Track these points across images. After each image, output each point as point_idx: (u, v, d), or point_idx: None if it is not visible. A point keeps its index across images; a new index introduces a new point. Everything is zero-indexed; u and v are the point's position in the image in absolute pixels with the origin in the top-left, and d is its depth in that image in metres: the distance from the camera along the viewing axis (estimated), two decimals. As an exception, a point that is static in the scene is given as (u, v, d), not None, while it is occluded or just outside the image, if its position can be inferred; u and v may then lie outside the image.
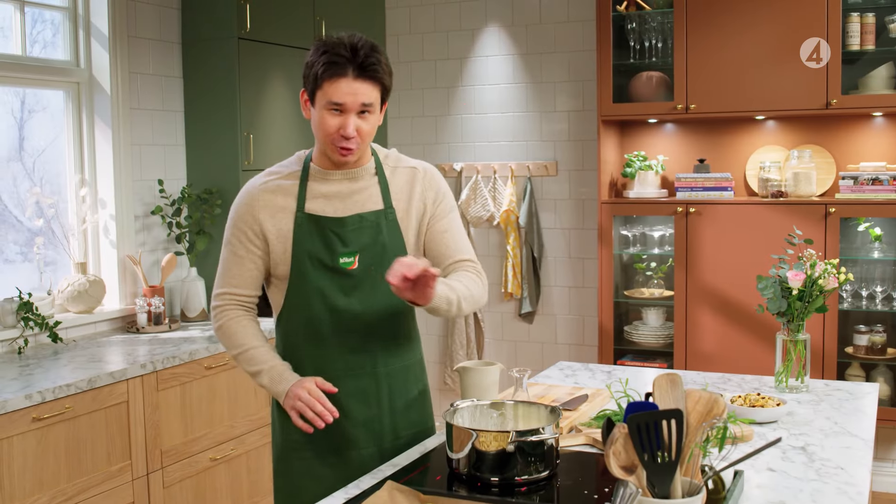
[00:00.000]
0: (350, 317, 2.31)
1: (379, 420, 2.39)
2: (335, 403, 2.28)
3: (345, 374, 2.34)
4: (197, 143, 4.61)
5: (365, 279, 2.31)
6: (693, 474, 1.75)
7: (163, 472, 3.64)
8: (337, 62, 2.17)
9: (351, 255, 2.29)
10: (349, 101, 2.19)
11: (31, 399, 3.06)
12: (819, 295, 2.83)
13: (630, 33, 4.88)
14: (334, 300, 2.30)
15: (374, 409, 2.38)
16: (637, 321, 5.06)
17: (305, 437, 2.36)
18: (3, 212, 4.04)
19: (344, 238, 2.29)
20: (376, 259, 2.30)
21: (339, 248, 2.28)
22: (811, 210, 4.45)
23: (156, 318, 4.20)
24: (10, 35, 3.99)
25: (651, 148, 5.12)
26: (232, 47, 4.43)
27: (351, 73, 2.18)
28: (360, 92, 2.19)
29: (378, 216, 2.32)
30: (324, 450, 2.38)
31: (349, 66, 2.18)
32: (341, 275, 2.29)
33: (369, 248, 2.30)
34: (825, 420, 2.56)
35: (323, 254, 2.28)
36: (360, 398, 2.36)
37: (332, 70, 2.18)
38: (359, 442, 2.37)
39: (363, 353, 2.36)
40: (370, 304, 2.32)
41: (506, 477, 2.02)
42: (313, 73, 2.21)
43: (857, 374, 4.53)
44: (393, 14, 5.70)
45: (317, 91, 2.22)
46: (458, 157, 5.60)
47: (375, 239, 2.31)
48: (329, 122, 2.22)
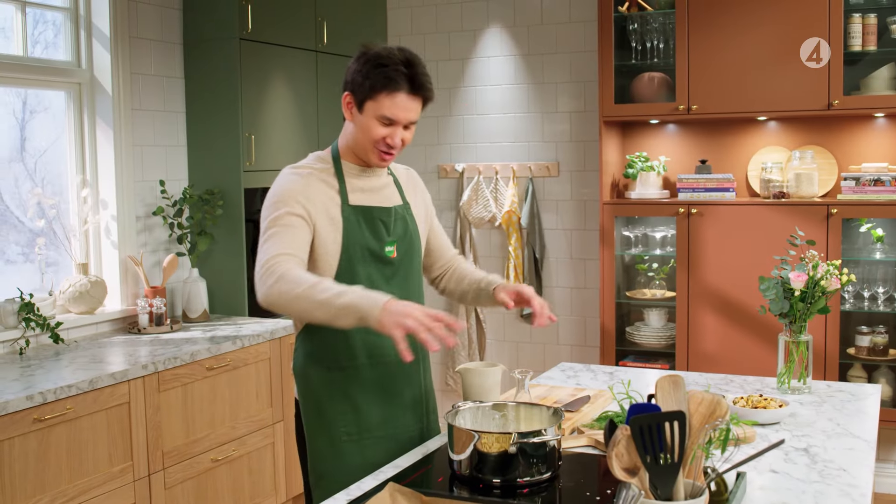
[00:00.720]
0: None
1: (421, 401, 2.53)
2: (392, 389, 2.42)
3: (396, 358, 2.37)
4: (198, 144, 4.61)
5: (401, 267, 2.44)
6: (696, 476, 1.74)
7: (164, 474, 3.64)
8: (395, 79, 2.27)
9: (392, 244, 2.40)
10: (402, 116, 2.30)
11: (32, 400, 3.06)
12: (821, 296, 2.83)
13: (632, 34, 4.88)
14: (381, 288, 2.33)
15: (418, 389, 2.52)
16: (639, 322, 5.06)
17: (362, 426, 2.39)
18: (4, 212, 4.04)
19: (389, 227, 2.41)
20: (408, 248, 2.45)
21: (385, 237, 2.39)
22: (813, 211, 4.44)
23: (157, 319, 4.20)
24: (12, 36, 3.99)
25: (653, 149, 5.11)
26: (233, 48, 4.43)
27: (407, 89, 2.28)
28: (413, 108, 2.31)
29: (404, 210, 2.48)
30: (380, 437, 2.41)
31: (406, 84, 2.28)
32: (384, 263, 2.40)
33: (403, 238, 2.44)
34: (827, 421, 2.56)
35: (373, 243, 2.37)
36: (408, 381, 2.48)
37: (391, 86, 2.27)
38: (409, 424, 2.48)
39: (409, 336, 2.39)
40: (406, 292, 2.43)
41: (508, 478, 2.02)
42: (368, 84, 2.28)
43: (859, 375, 4.53)
44: (394, 15, 5.70)
45: (368, 101, 2.30)
46: (460, 158, 5.60)
47: (406, 230, 2.46)
48: (378, 130, 2.31)
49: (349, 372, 2.39)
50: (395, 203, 2.46)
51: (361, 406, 2.39)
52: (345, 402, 2.39)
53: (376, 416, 2.40)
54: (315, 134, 4.95)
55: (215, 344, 3.89)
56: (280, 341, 4.24)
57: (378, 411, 2.41)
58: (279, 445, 4.27)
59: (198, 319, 4.44)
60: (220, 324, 4.36)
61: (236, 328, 4.24)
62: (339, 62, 5.11)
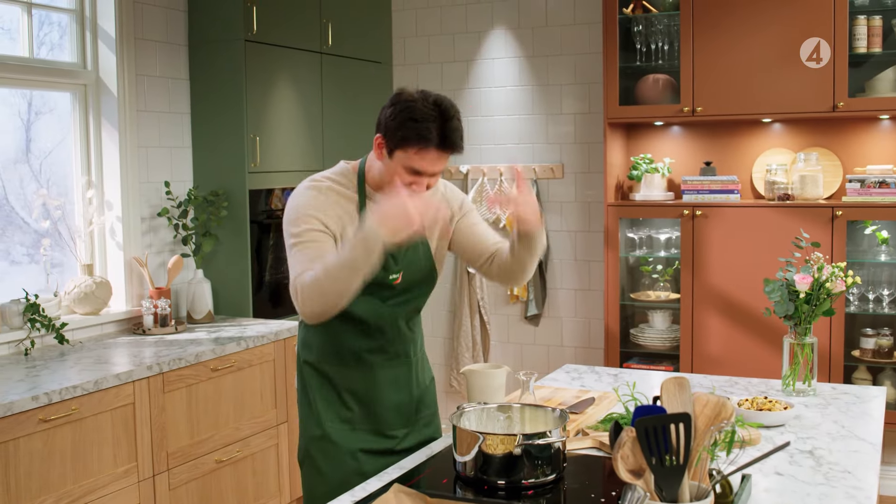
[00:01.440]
0: (390, 319, 2.49)
1: (408, 404, 2.58)
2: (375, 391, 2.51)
3: (382, 363, 2.53)
4: (203, 146, 4.61)
5: (403, 292, 2.49)
6: (701, 478, 1.74)
7: (169, 474, 3.64)
8: (426, 137, 2.26)
9: (397, 273, 2.44)
10: (429, 169, 2.31)
11: (37, 400, 3.07)
12: (826, 298, 2.83)
13: (636, 36, 4.88)
14: (378, 304, 2.45)
15: (405, 395, 2.57)
16: (643, 324, 5.05)
17: (345, 417, 2.52)
18: (9, 213, 4.05)
19: (396, 257, 2.43)
20: (415, 276, 2.50)
21: (392, 267, 2.43)
22: (818, 213, 4.44)
23: (162, 320, 4.20)
24: (18, 37, 4.00)
25: (657, 150, 5.11)
26: (239, 49, 4.44)
27: (437, 145, 2.28)
28: (441, 163, 2.32)
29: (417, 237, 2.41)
30: (361, 430, 2.53)
31: (437, 140, 2.27)
32: (384, 287, 2.44)
33: (412, 265, 2.48)
34: (832, 424, 2.55)
35: (378, 272, 2.33)
36: (395, 385, 2.55)
37: (421, 143, 2.26)
38: (393, 424, 2.55)
39: (400, 343, 2.55)
40: (404, 308, 2.52)
41: (512, 480, 2.02)
42: (400, 135, 2.28)
43: (863, 377, 4.52)
44: (399, 16, 5.71)
45: (398, 151, 2.30)
46: (465, 160, 5.60)
47: (415, 257, 2.49)
48: (404, 178, 2.31)
49: (335, 369, 2.52)
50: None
51: (346, 400, 2.52)
52: (332, 392, 2.53)
53: (359, 412, 2.53)
54: (320, 135, 4.96)
55: (220, 345, 3.90)
56: (284, 343, 4.25)
57: (361, 408, 2.52)
58: (283, 446, 4.27)
59: (202, 320, 4.44)
60: (225, 325, 4.37)
61: (241, 329, 4.24)
62: (343, 64, 5.12)
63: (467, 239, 2.59)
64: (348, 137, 5.15)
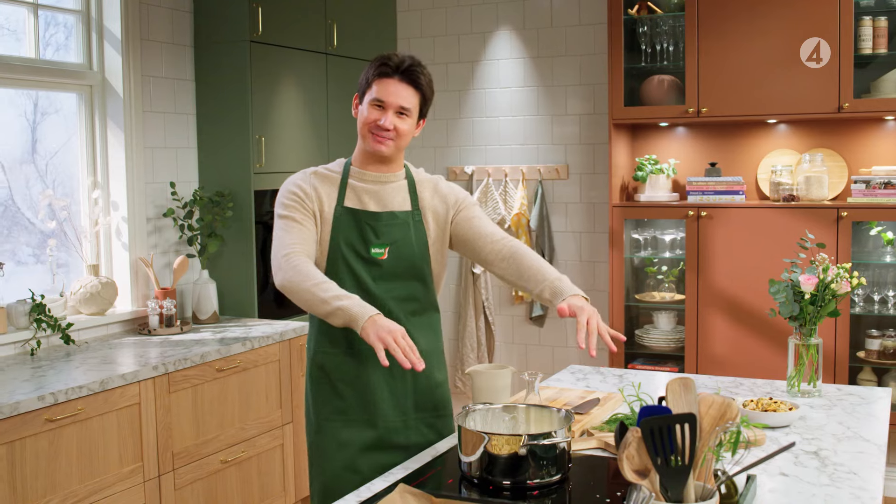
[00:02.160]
0: (380, 301, 2.52)
1: (404, 394, 2.57)
2: (367, 376, 2.54)
3: (371, 351, 2.48)
4: (209, 146, 4.62)
5: (392, 269, 2.54)
6: (706, 479, 1.75)
7: (174, 474, 3.65)
8: (387, 65, 2.51)
9: (382, 247, 2.53)
10: (390, 99, 2.49)
11: (43, 400, 3.08)
12: (831, 299, 2.83)
13: (642, 37, 4.88)
14: (366, 283, 2.52)
15: (399, 384, 2.56)
16: (648, 325, 5.05)
17: (339, 408, 2.56)
18: (15, 214, 4.06)
19: (377, 231, 2.53)
20: (404, 252, 2.55)
21: (372, 239, 2.53)
22: (823, 214, 4.43)
23: (167, 321, 4.21)
24: (24, 38, 4.01)
25: (662, 151, 5.11)
26: (244, 50, 4.44)
27: (396, 76, 2.50)
28: (402, 94, 2.50)
29: (407, 216, 2.58)
30: (354, 420, 2.56)
31: (395, 71, 2.50)
32: (371, 264, 2.53)
33: (399, 242, 2.55)
34: (838, 425, 2.55)
35: (358, 243, 2.53)
36: (387, 373, 2.54)
37: (381, 71, 2.50)
38: (386, 413, 2.55)
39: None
40: (398, 292, 2.56)
41: (517, 480, 2.02)
42: (365, 77, 2.54)
43: (868, 378, 4.52)
44: (404, 17, 5.71)
45: (366, 91, 2.53)
46: (470, 161, 5.61)
47: (405, 235, 2.55)
48: (370, 114, 2.52)
49: (331, 357, 2.56)
50: (399, 208, 2.57)
51: (340, 389, 2.56)
52: (327, 385, 2.58)
53: (353, 400, 2.55)
54: (325, 136, 4.96)
55: (225, 345, 3.90)
56: (289, 343, 4.25)
57: (355, 396, 2.55)
58: (288, 447, 4.28)
59: (208, 321, 4.45)
60: (230, 325, 4.38)
61: (246, 330, 4.25)
62: (348, 65, 5.12)
63: (465, 233, 2.61)
64: (353, 138, 5.11)
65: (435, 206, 2.62)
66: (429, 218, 2.61)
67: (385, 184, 2.58)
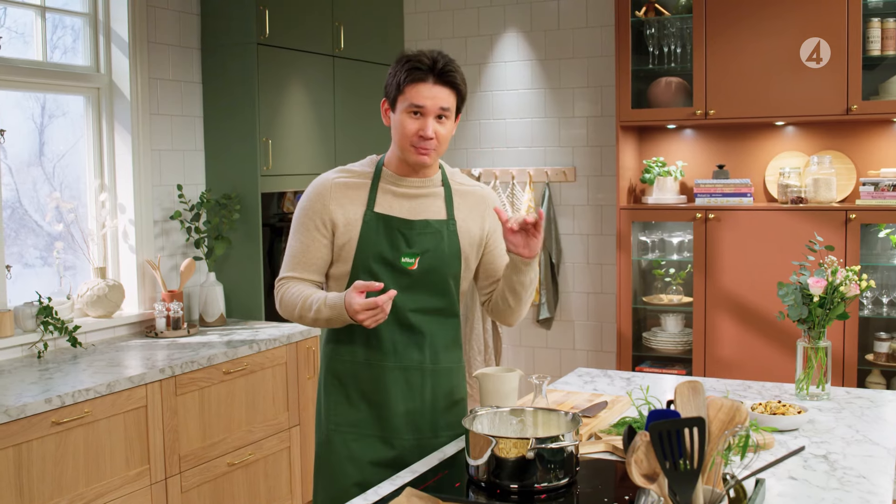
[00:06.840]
0: (404, 313, 2.44)
1: (420, 413, 2.49)
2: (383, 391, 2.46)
3: (393, 366, 2.46)
4: (216, 149, 4.62)
5: (422, 279, 2.44)
6: (715, 483, 1.74)
7: (181, 477, 3.65)
8: (419, 68, 2.35)
9: (412, 257, 2.42)
10: (429, 104, 2.35)
11: (50, 403, 3.08)
12: (840, 302, 2.81)
13: (649, 39, 4.87)
14: (399, 296, 2.40)
15: (417, 402, 2.49)
16: (656, 327, 5.04)
17: (352, 420, 2.49)
18: (23, 216, 4.07)
19: (409, 239, 2.43)
20: (436, 263, 2.44)
21: (403, 248, 2.42)
22: (831, 216, 4.42)
23: (174, 323, 4.21)
24: (31, 41, 4.02)
25: (670, 154, 5.10)
26: (251, 53, 4.45)
27: (431, 78, 2.36)
28: (439, 96, 2.36)
29: (442, 225, 2.46)
30: (367, 435, 2.48)
31: (429, 73, 2.36)
32: (400, 273, 2.42)
33: (431, 252, 2.44)
34: (847, 428, 2.54)
35: (387, 251, 2.41)
36: (405, 389, 2.47)
37: (414, 76, 2.35)
38: (400, 431, 2.48)
39: (412, 347, 2.48)
40: (423, 304, 2.46)
41: (525, 484, 2.01)
42: (396, 81, 2.38)
43: (877, 381, 4.50)
44: (411, 20, 5.71)
45: (398, 97, 2.38)
46: (477, 163, 5.60)
47: (438, 245, 2.45)
48: (409, 124, 2.37)
49: (349, 367, 2.49)
50: (433, 216, 2.46)
51: (354, 401, 2.49)
52: (339, 394, 2.50)
53: (367, 413, 2.48)
54: (332, 138, 4.96)
55: (232, 348, 3.90)
56: (296, 346, 4.25)
57: (370, 409, 2.48)
58: (295, 450, 4.28)
59: (214, 323, 4.45)
60: (237, 328, 4.38)
61: (253, 332, 4.25)
62: (356, 67, 5.12)
63: (489, 262, 2.57)
64: (360, 140, 5.15)
65: (471, 219, 2.52)
66: (465, 228, 2.50)
67: (422, 188, 2.48)
